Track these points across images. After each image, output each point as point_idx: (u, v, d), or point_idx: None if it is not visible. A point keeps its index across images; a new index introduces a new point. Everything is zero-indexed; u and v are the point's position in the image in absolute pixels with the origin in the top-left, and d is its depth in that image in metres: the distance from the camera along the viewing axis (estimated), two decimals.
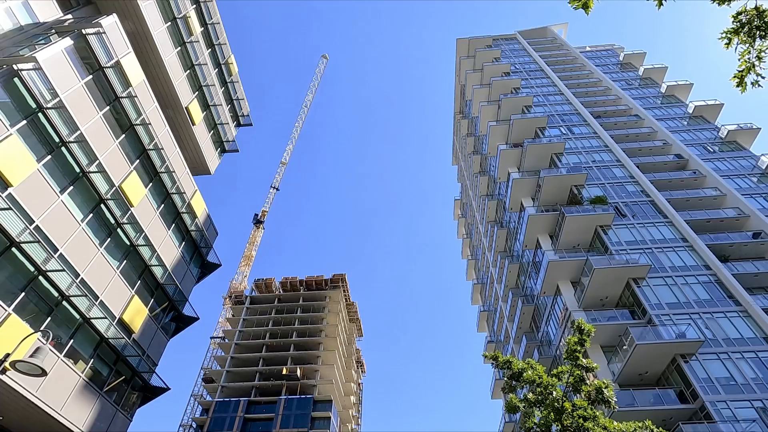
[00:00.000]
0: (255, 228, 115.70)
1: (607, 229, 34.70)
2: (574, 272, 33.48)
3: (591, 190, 39.00)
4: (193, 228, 23.79)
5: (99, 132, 17.15)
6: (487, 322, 60.25)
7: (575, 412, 10.93)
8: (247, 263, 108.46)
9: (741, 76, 6.31)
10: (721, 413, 23.49)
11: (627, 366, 26.72)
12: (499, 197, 49.87)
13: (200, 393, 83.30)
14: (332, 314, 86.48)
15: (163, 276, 20.91)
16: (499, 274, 50.03)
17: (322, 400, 73.37)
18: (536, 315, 40.09)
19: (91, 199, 16.89)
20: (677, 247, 33.32)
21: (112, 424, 17.13)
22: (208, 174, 28.89)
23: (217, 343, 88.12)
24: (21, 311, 13.36)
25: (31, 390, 13.08)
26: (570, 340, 12.04)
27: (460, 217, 77.26)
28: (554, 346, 34.30)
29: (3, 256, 13.11)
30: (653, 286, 30.42)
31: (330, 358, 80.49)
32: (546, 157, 42.63)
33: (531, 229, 37.97)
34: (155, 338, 20.26)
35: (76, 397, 15.11)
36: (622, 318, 29.52)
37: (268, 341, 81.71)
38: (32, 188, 14.03)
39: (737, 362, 25.89)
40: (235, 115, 32.28)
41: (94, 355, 16.50)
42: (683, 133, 46.34)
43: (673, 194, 37.83)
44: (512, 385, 12.54)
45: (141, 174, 19.87)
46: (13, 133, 13.51)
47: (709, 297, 29.63)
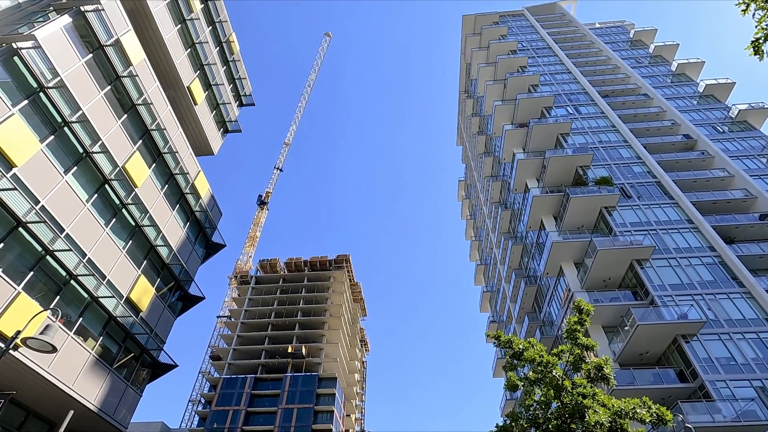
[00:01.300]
0: (259, 209, 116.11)
1: (612, 211, 34.51)
2: (577, 253, 33.51)
3: (597, 170, 38.62)
4: (197, 208, 23.89)
5: (101, 112, 17.07)
6: (489, 302, 60.78)
7: (575, 390, 11.11)
8: (252, 244, 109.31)
9: (757, 44, 6.11)
10: (720, 392, 23.80)
11: (628, 346, 26.98)
12: (503, 178, 49.56)
13: (208, 370, 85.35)
14: (336, 294, 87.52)
15: (169, 256, 21.13)
16: (502, 255, 50.17)
17: (326, 378, 75.03)
18: (539, 296, 40.35)
19: (96, 180, 16.94)
20: (682, 229, 33.15)
21: (123, 399, 17.61)
22: (212, 154, 28.82)
23: (223, 322, 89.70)
24: (30, 290, 13.60)
25: (42, 366, 13.43)
26: (570, 320, 12.14)
27: (464, 198, 77.03)
28: (556, 327, 34.63)
29: (10, 236, 13.26)
30: (657, 267, 30.42)
31: (334, 337, 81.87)
32: (552, 137, 42.10)
33: (535, 210, 37.84)
34: (162, 317, 20.62)
35: (87, 373, 15.51)
36: (624, 299, 29.67)
37: (273, 320, 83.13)
38: (36, 168, 14.08)
39: (738, 343, 26.07)
40: (237, 94, 31.96)
41: (103, 333, 16.85)
42: (693, 113, 45.50)
43: (680, 175, 37.40)
44: (513, 364, 12.73)
45: (144, 154, 19.86)
46: (15, 113, 13.47)
47: (713, 278, 29.63)
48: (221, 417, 69.45)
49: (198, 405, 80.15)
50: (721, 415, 22.77)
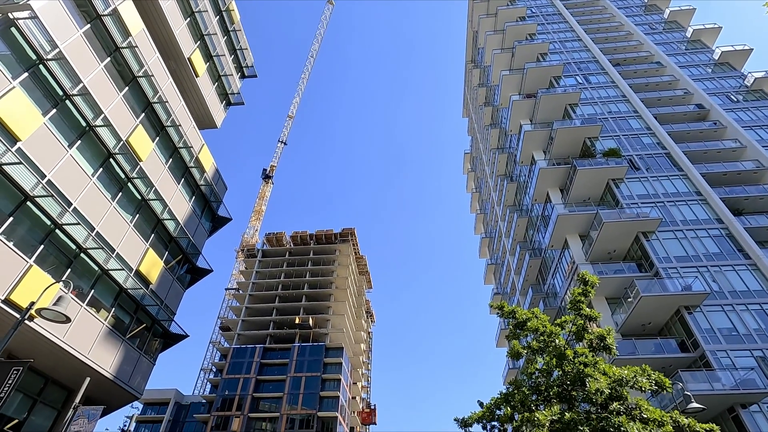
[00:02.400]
0: (264, 183, 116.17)
1: (620, 183, 34.16)
2: (583, 226, 33.43)
3: (605, 142, 38.01)
4: (202, 182, 23.92)
5: (102, 84, 16.86)
6: (494, 275, 61.29)
7: (576, 359, 11.31)
8: (258, 218, 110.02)
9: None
10: (720, 362, 24.16)
11: (630, 317, 27.28)
12: (509, 150, 48.93)
13: (218, 340, 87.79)
14: (342, 267, 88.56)
15: (176, 229, 21.33)
16: (507, 228, 50.18)
17: (333, 347, 76.99)
18: (543, 268, 40.56)
19: (100, 154, 16.92)
20: (690, 201, 32.84)
21: (137, 367, 18.22)
22: (215, 128, 28.58)
23: (231, 294, 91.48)
24: (42, 263, 13.86)
25: (58, 335, 13.85)
26: (574, 291, 12.22)
27: (469, 171, 76.42)
28: (559, 298, 34.98)
29: (19, 210, 13.39)
30: (663, 239, 30.35)
31: (340, 308, 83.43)
32: (560, 108, 41.25)
33: (541, 183, 37.54)
34: (172, 289, 21.03)
35: (101, 342, 15.99)
36: (628, 271, 29.78)
37: (280, 292, 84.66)
38: (40, 142, 14.06)
39: (741, 314, 26.25)
40: (239, 66, 31.36)
41: (115, 305, 17.25)
42: (706, 82, 44.19)
43: (691, 146, 36.73)
44: (516, 334, 12.94)
45: (147, 128, 19.72)
46: (16, 86, 13.34)
47: (719, 250, 29.57)
48: (232, 385, 71.95)
49: (210, 373, 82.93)
50: (720, 384, 23.20)
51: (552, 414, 9.93)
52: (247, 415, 68.22)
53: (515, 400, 11.61)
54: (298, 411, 68.08)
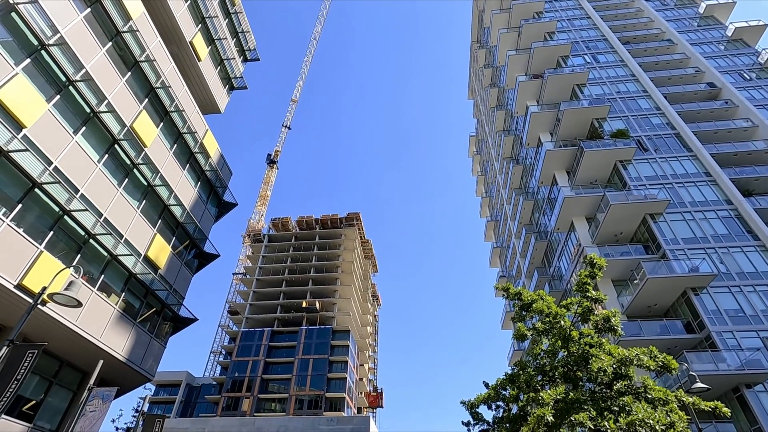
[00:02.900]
0: (269, 168, 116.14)
1: (627, 164, 33.76)
2: (589, 208, 33.21)
3: (613, 123, 37.43)
4: (207, 168, 23.94)
5: (104, 70, 16.76)
6: (499, 258, 61.36)
7: (582, 340, 11.38)
8: (263, 203, 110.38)
9: None
10: (726, 342, 24.21)
11: (636, 299, 27.30)
12: (516, 132, 48.38)
13: (227, 324, 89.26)
14: (348, 251, 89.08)
15: (182, 215, 21.46)
16: (513, 211, 49.98)
17: (340, 330, 78.11)
18: (549, 251, 40.51)
19: (105, 140, 16.94)
20: (699, 182, 32.44)
21: (148, 350, 18.61)
22: (218, 113, 28.44)
23: (239, 278, 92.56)
24: (52, 249, 14.05)
25: (70, 320, 14.13)
26: (581, 273, 12.22)
27: (475, 154, 75.78)
28: (565, 281, 35.02)
29: (28, 197, 13.52)
30: (670, 221, 30.12)
31: (347, 292, 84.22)
32: (567, 88, 40.52)
33: (548, 165, 37.19)
34: (180, 274, 21.29)
35: (113, 326, 16.31)
36: (635, 253, 29.67)
37: (287, 277, 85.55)
38: (46, 129, 14.08)
39: (748, 295, 26.17)
40: (241, 49, 30.99)
41: (125, 289, 17.52)
42: (719, 59, 43.08)
43: (701, 126, 36.07)
44: (522, 315, 13.01)
45: (151, 114, 19.67)
46: (19, 73, 13.30)
47: (727, 232, 29.32)
48: (242, 367, 73.46)
49: (219, 356, 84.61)
50: (725, 364, 23.30)
51: (557, 393, 10.04)
52: (257, 396, 69.81)
53: (520, 380, 11.76)
54: (307, 392, 69.54)
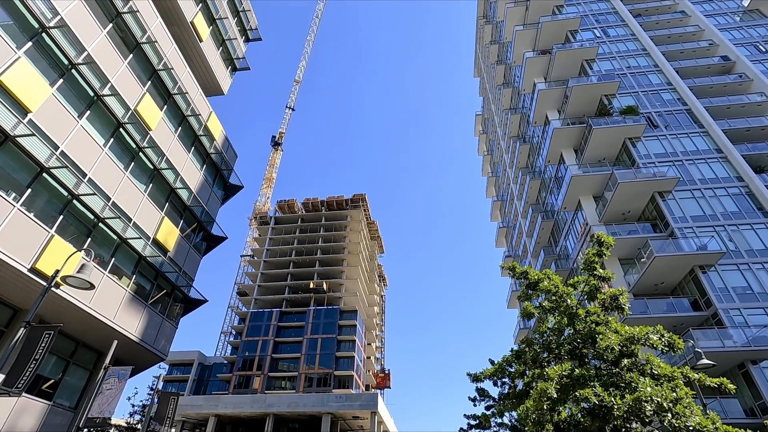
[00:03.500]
0: (273, 150, 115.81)
1: (636, 141, 33.22)
2: (597, 187, 32.89)
3: (623, 99, 36.67)
4: (212, 150, 23.92)
5: (106, 52, 16.61)
6: (505, 237, 61.30)
7: (588, 318, 11.43)
8: (269, 185, 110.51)
9: None
10: (733, 320, 24.23)
11: (643, 277, 27.27)
12: (522, 111, 47.59)
13: (236, 305, 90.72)
14: (354, 232, 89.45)
15: (189, 198, 21.58)
16: (519, 191, 49.65)
17: (347, 310, 79.20)
18: (555, 230, 40.38)
19: (110, 124, 16.93)
20: (710, 159, 31.90)
21: (161, 330, 19.02)
22: (221, 94, 28.22)
23: (247, 260, 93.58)
24: (63, 233, 14.24)
25: (84, 302, 14.44)
26: (589, 252, 12.18)
27: (481, 133, 74.86)
28: (572, 260, 35.00)
29: (36, 181, 13.63)
30: (679, 199, 29.79)
31: (353, 273, 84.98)
32: (576, 64, 39.58)
33: (555, 143, 36.69)
34: (189, 256, 21.56)
35: (125, 308, 16.65)
36: (643, 231, 29.48)
37: (294, 258, 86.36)
38: (51, 113, 14.08)
39: (757, 272, 26.03)
40: (243, 29, 30.50)
41: (135, 272, 17.80)
42: (733, 31, 41.73)
43: (713, 101, 35.23)
44: (528, 294, 13.07)
45: (155, 96, 19.57)
46: (21, 56, 13.22)
47: (737, 209, 28.97)
48: (252, 346, 75.05)
49: (230, 336, 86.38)
50: (731, 341, 23.39)
51: (562, 370, 10.16)
52: (267, 374, 71.50)
53: (527, 357, 11.90)
54: (316, 370, 71.07)
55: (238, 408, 57.56)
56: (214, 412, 57.34)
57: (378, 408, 55.71)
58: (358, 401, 56.81)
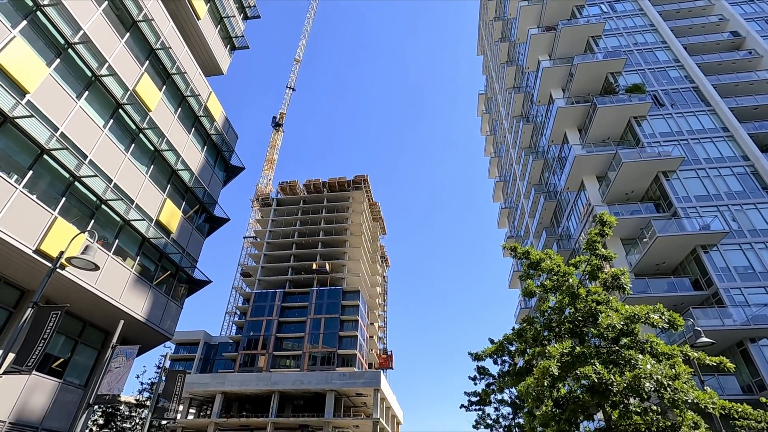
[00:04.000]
0: (275, 131, 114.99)
1: (642, 120, 32.78)
2: (600, 167, 32.65)
3: (629, 77, 36.00)
4: (212, 132, 23.74)
5: (102, 31, 16.32)
6: (507, 218, 61.29)
7: (589, 297, 11.50)
8: (270, 167, 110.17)
9: None
10: (734, 299, 24.37)
11: (645, 257, 27.32)
12: (526, 89, 46.86)
13: (240, 286, 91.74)
14: (356, 214, 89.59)
15: (191, 180, 21.54)
16: (522, 171, 49.35)
17: (350, 291, 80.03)
18: (558, 210, 40.30)
19: (109, 105, 16.76)
20: (715, 137, 31.51)
21: (166, 311, 19.29)
22: (221, 74, 27.81)
23: (250, 242, 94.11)
24: (66, 215, 14.29)
25: (90, 282, 14.60)
26: (591, 232, 12.17)
27: (484, 112, 73.96)
28: (573, 240, 35.04)
29: (37, 163, 13.59)
30: (683, 179, 29.57)
31: (356, 254, 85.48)
32: (581, 41, 38.75)
33: (559, 123, 36.25)
34: (192, 238, 21.66)
35: (130, 289, 16.84)
36: (645, 211, 29.40)
37: (296, 240, 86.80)
38: (49, 94, 13.93)
39: (759, 252, 26.03)
40: (241, 6, 29.82)
41: (139, 253, 17.93)
42: (744, 5, 40.61)
43: (721, 79, 34.57)
44: (530, 274, 13.13)
45: (153, 77, 19.31)
46: (16, 36, 13.00)
47: (742, 188, 28.79)
48: (256, 326, 76.24)
49: (234, 316, 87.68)
50: (731, 320, 23.58)
51: (563, 348, 10.29)
52: (271, 353, 72.85)
53: (528, 335, 12.04)
54: (320, 349, 72.33)
55: (244, 385, 58.88)
56: (221, 390, 58.71)
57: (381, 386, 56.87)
58: (361, 379, 57.96)
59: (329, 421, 54.89)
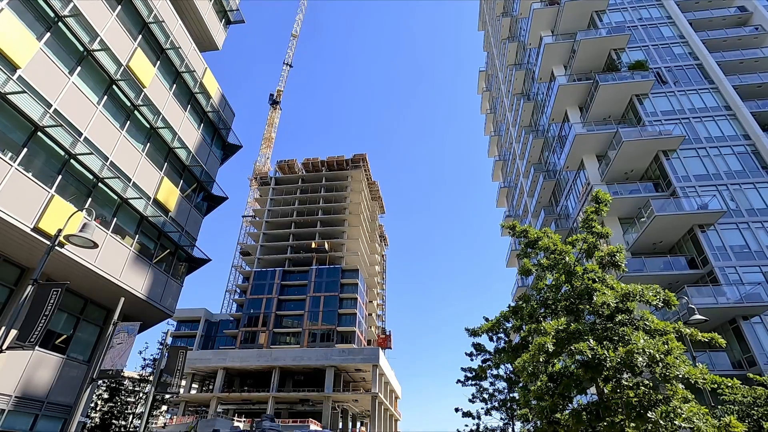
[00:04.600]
0: (272, 109, 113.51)
1: (644, 98, 32.39)
2: (600, 146, 32.45)
3: (632, 53, 35.38)
4: (209, 109, 23.40)
5: (94, 4, 15.85)
6: (506, 198, 61.29)
7: (585, 275, 11.62)
8: (268, 145, 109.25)
9: None
10: (728, 277, 24.65)
11: (642, 236, 27.47)
12: (528, 66, 46.08)
13: (240, 264, 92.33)
14: (355, 193, 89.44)
15: (188, 158, 21.36)
16: (522, 150, 49.06)
17: (349, 269, 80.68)
18: (557, 190, 40.27)
19: (102, 81, 16.45)
20: (717, 116, 31.22)
21: (167, 288, 19.45)
22: (216, 50, 27.20)
23: (248, 221, 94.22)
24: (63, 193, 14.21)
25: (89, 260, 14.66)
26: (587, 210, 12.20)
27: (484, 90, 72.93)
28: (572, 219, 35.15)
29: (32, 141, 13.43)
30: (683, 158, 29.46)
31: (354, 233, 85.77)
32: (585, 15, 37.86)
33: (560, 101, 35.81)
34: (190, 216, 21.64)
35: (130, 266, 16.93)
36: (644, 191, 29.40)
37: (295, 219, 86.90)
38: (41, 70, 13.64)
39: (756, 231, 26.18)
40: None
41: (138, 232, 17.94)
42: None
43: (726, 55, 34.00)
44: (528, 252, 13.22)
45: (147, 52, 18.89)
46: (4, 8, 12.63)
47: (742, 168, 28.73)
48: (256, 304, 77.14)
49: (234, 294, 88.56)
50: (725, 298, 23.91)
51: (558, 324, 10.45)
52: (272, 330, 73.99)
53: (524, 312, 12.22)
54: (319, 326, 73.46)
55: (245, 361, 60.02)
56: (223, 365, 59.89)
57: (379, 362, 58.03)
58: (360, 355, 59.10)
59: (329, 396, 56.24)
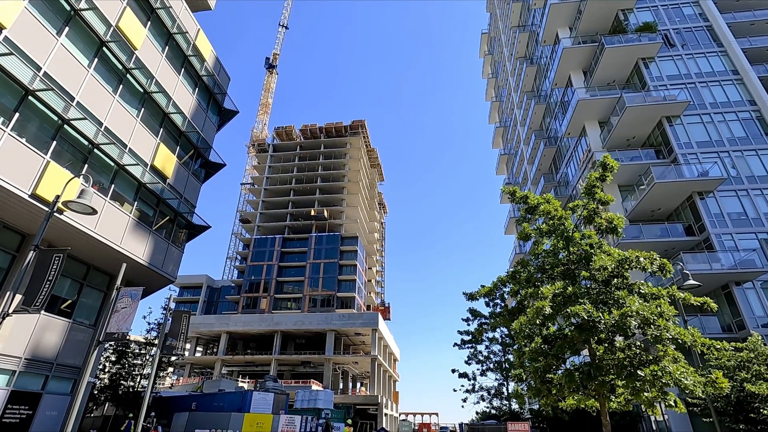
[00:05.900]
0: (268, 73, 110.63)
1: (650, 62, 31.57)
2: (603, 111, 31.92)
3: (640, 15, 34.18)
4: (203, 72, 22.78)
5: None
6: (506, 165, 60.89)
7: (583, 241, 11.73)
8: (265, 111, 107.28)
9: None
10: (724, 244, 24.89)
11: (641, 203, 27.52)
12: (532, 28, 44.58)
13: (239, 232, 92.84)
14: (354, 160, 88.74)
15: (184, 124, 21.00)
16: (523, 116, 48.28)
17: (348, 237, 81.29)
18: (557, 157, 39.95)
19: (92, 42, 15.90)
20: (724, 81, 30.54)
21: (168, 255, 19.62)
22: (208, 9, 26.15)
23: (247, 188, 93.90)
24: (58, 159, 14.05)
25: (89, 227, 14.70)
26: (591, 176, 12.13)
27: (486, 54, 70.87)
28: (571, 187, 35.07)
29: (24, 105, 13.13)
30: (687, 124, 29.06)
31: (354, 200, 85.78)
32: None
33: (564, 64, 34.90)
34: (189, 183, 21.52)
35: (130, 233, 16.99)
36: (645, 158, 29.19)
37: (294, 186, 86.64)
38: (27, 31, 13.15)
39: (754, 198, 26.22)
40: None
41: (136, 199, 17.89)
42: None
43: (737, 17, 32.87)
44: (527, 218, 13.28)
45: (137, 12, 18.16)
46: None
47: (745, 134, 28.41)
48: (257, 270, 78.19)
49: (235, 261, 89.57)
50: (719, 264, 24.25)
51: (555, 288, 10.65)
52: (273, 296, 75.39)
53: (521, 277, 12.42)
54: (319, 292, 74.82)
55: (247, 326, 61.51)
56: (226, 330, 61.43)
57: (378, 326, 59.51)
58: (360, 320, 60.51)
59: (329, 358, 58.06)
